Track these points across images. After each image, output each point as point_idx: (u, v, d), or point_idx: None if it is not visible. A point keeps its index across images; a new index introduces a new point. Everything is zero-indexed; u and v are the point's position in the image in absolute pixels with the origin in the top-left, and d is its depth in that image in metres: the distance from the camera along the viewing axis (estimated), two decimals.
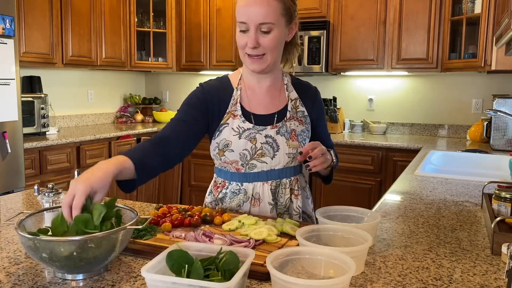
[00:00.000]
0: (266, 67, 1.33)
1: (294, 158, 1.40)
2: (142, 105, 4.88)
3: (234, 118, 1.38)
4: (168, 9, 4.43)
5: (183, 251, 0.83)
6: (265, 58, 1.30)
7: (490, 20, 3.01)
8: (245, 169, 1.39)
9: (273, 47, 1.28)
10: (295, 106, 1.43)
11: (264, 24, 1.25)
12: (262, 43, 1.27)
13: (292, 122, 1.41)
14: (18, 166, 2.88)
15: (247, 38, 1.27)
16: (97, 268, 0.93)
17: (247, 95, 1.41)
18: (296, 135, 1.40)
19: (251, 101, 1.40)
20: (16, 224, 0.93)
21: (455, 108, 3.78)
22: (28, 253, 0.96)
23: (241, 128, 1.37)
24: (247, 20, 1.25)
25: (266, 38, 1.27)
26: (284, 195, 1.42)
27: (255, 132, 1.36)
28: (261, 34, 1.26)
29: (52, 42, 3.48)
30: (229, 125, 1.37)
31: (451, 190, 1.77)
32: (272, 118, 1.39)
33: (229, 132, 1.37)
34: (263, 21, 1.24)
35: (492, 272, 0.97)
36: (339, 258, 0.84)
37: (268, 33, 1.26)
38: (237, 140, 1.36)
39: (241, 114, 1.38)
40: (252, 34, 1.26)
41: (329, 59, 3.82)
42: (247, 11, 1.24)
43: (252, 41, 1.26)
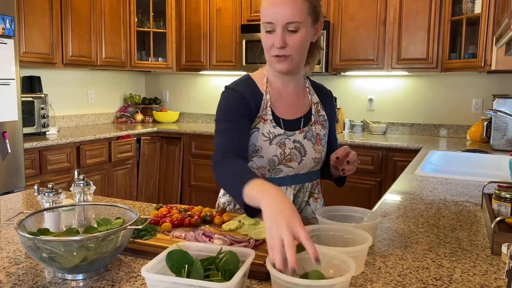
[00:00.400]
0: (292, 68, 1.30)
1: (319, 162, 1.41)
2: (142, 105, 4.88)
3: (264, 123, 1.33)
4: (168, 9, 4.43)
5: (183, 251, 0.83)
6: (291, 58, 1.27)
7: (490, 20, 3.01)
8: (270, 174, 1.35)
9: (299, 47, 1.26)
10: (317, 110, 1.43)
11: (291, 24, 1.22)
12: (289, 43, 1.24)
13: (316, 126, 1.41)
14: (18, 166, 2.88)
15: (273, 38, 1.24)
16: (97, 268, 0.93)
17: (275, 99, 1.37)
18: (320, 139, 1.40)
19: (279, 105, 1.37)
20: (16, 224, 0.93)
21: (455, 108, 3.78)
22: (28, 253, 0.96)
23: (271, 134, 1.33)
24: (274, 20, 1.22)
25: (293, 38, 1.24)
26: (303, 198, 1.42)
27: (285, 138, 1.34)
28: (288, 34, 1.23)
29: (52, 42, 3.48)
30: (259, 130, 1.33)
31: (451, 190, 1.77)
32: (299, 122, 1.38)
33: (259, 138, 1.32)
34: (290, 20, 1.21)
35: (492, 272, 0.97)
36: (339, 258, 0.84)
37: (295, 32, 1.23)
38: (268, 146, 1.32)
39: (272, 119, 1.34)
40: (279, 33, 1.23)
41: (329, 59, 3.81)
42: (273, 11, 1.22)
43: (279, 40, 1.23)
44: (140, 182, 4.11)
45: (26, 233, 0.89)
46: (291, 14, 1.21)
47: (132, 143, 3.94)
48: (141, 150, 4.10)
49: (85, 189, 1.24)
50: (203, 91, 4.86)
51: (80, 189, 1.23)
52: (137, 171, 4.07)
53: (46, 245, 0.87)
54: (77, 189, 1.23)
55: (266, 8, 1.24)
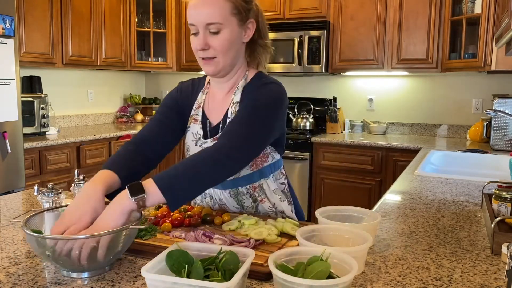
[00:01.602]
0: (219, 70, 1.26)
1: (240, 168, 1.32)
2: (142, 105, 4.89)
3: (194, 122, 1.36)
4: (168, 9, 4.43)
5: (183, 251, 0.83)
6: (217, 60, 1.24)
7: (490, 20, 3.01)
8: None
9: (223, 48, 1.22)
10: (235, 110, 1.30)
11: (212, 25, 1.20)
12: (212, 45, 1.21)
13: None
14: (18, 166, 2.88)
15: (197, 40, 1.23)
16: (101, 267, 0.94)
17: (209, 100, 1.37)
18: None
19: (210, 106, 1.36)
20: (23, 223, 0.94)
21: (455, 108, 3.78)
22: (34, 251, 0.97)
23: (198, 135, 1.35)
24: (195, 22, 1.20)
25: (215, 39, 1.21)
26: (247, 200, 1.39)
27: (203, 143, 1.33)
28: (210, 35, 1.21)
29: (52, 42, 3.48)
30: (190, 129, 1.36)
31: (451, 190, 1.77)
32: (218, 127, 1.33)
33: (189, 137, 1.37)
34: (209, 21, 1.19)
35: (492, 272, 0.97)
36: (340, 258, 0.84)
37: (217, 33, 1.21)
38: (194, 147, 1.35)
39: (201, 120, 1.35)
40: (200, 35, 1.21)
41: (329, 59, 3.81)
42: (194, 12, 1.20)
43: (200, 42, 1.21)
44: None
45: (31, 231, 0.90)
46: (210, 15, 1.19)
47: None
48: None
49: None
50: None
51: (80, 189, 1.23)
52: None
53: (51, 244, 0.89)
54: (77, 189, 1.23)
55: (189, 9, 1.22)
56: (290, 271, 0.80)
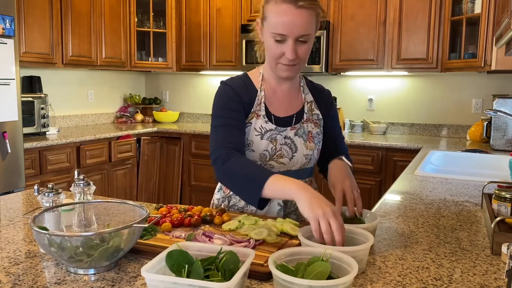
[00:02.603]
0: (296, 74, 1.38)
1: (311, 159, 1.43)
2: (142, 105, 4.88)
3: (257, 118, 1.38)
4: (168, 9, 4.43)
5: (183, 251, 0.83)
6: (298, 66, 1.32)
7: (490, 20, 3.01)
8: None
9: (307, 56, 1.30)
10: (311, 108, 1.45)
11: (304, 36, 1.24)
12: (299, 54, 1.27)
13: (308, 124, 1.43)
14: (18, 166, 2.88)
15: (283, 48, 1.25)
16: (106, 264, 0.94)
17: (270, 97, 1.41)
18: (312, 137, 1.42)
19: (273, 102, 1.41)
20: (31, 220, 0.95)
21: (455, 108, 3.78)
22: (42, 249, 0.98)
23: (263, 129, 1.37)
24: (287, 33, 1.23)
25: (303, 48, 1.26)
26: None
27: (276, 133, 1.37)
28: (299, 44, 1.26)
29: (52, 42, 3.48)
30: (252, 124, 1.37)
31: (451, 190, 1.77)
32: (291, 119, 1.41)
33: (251, 132, 1.37)
34: (304, 33, 1.23)
35: (492, 272, 0.97)
36: (341, 258, 0.84)
37: (305, 43, 1.26)
38: (259, 141, 1.36)
39: (265, 114, 1.38)
40: (291, 45, 1.24)
41: (329, 59, 3.81)
42: (287, 22, 1.22)
43: (292, 53, 1.25)
44: (140, 182, 4.11)
45: (37, 228, 0.91)
46: (305, 27, 1.23)
47: (132, 143, 3.94)
48: (141, 150, 4.10)
49: (85, 189, 1.24)
50: (203, 91, 4.86)
51: (80, 189, 1.23)
52: (137, 171, 4.07)
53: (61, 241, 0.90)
54: (77, 189, 1.23)
55: (278, 18, 1.23)
56: (290, 271, 0.80)
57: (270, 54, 1.31)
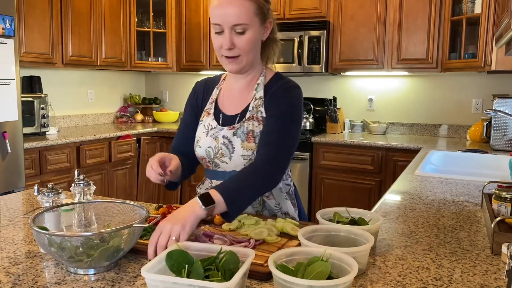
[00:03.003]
0: (242, 68, 1.34)
1: (251, 160, 1.34)
2: (142, 105, 4.88)
3: (207, 116, 1.43)
4: (168, 9, 4.42)
5: (183, 251, 0.83)
6: (241, 59, 1.31)
7: (490, 20, 3.01)
8: (212, 166, 1.42)
9: (248, 47, 1.29)
10: (257, 105, 1.37)
11: (238, 25, 1.25)
12: (237, 44, 1.27)
13: (251, 122, 1.35)
14: (18, 166, 2.88)
15: (222, 39, 1.27)
16: (106, 264, 0.94)
17: (224, 95, 1.45)
18: (253, 136, 1.34)
19: (225, 100, 1.44)
20: (31, 220, 0.95)
21: (455, 108, 3.78)
22: (42, 249, 0.98)
23: (209, 126, 1.41)
24: (221, 22, 1.25)
25: (241, 39, 1.27)
26: None
27: (217, 132, 1.39)
28: (236, 35, 1.27)
29: (52, 42, 3.48)
30: (202, 122, 1.44)
31: (451, 190, 1.77)
32: (235, 118, 1.39)
33: (200, 129, 1.43)
34: (237, 22, 1.24)
35: (492, 272, 0.97)
36: (341, 258, 0.84)
37: (243, 33, 1.27)
38: (204, 137, 1.41)
39: (213, 112, 1.43)
40: (227, 35, 1.26)
41: (329, 59, 3.81)
42: (220, 12, 1.25)
43: (227, 42, 1.26)
44: (140, 182, 4.11)
45: (37, 228, 0.91)
46: (237, 16, 1.24)
47: (132, 143, 3.93)
48: (141, 150, 4.10)
49: (85, 189, 1.24)
50: None
51: (80, 189, 1.23)
52: (137, 171, 4.07)
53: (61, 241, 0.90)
54: (77, 189, 1.23)
55: (214, 9, 1.26)
56: (290, 271, 0.80)
57: (214, 48, 1.33)
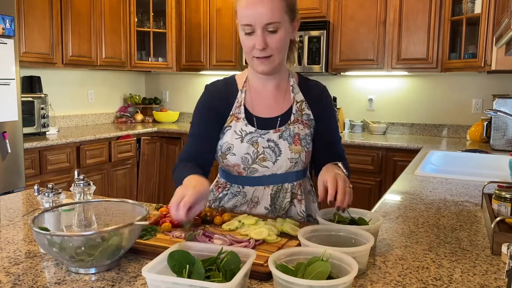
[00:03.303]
0: (274, 68, 1.30)
1: (297, 163, 1.37)
2: (142, 105, 4.88)
3: (237, 121, 1.35)
4: (168, 9, 4.42)
5: (185, 252, 0.83)
6: (273, 58, 1.27)
7: (490, 20, 3.01)
8: (246, 173, 1.37)
9: (280, 47, 1.26)
10: (301, 108, 1.38)
11: (271, 24, 1.22)
12: (270, 44, 1.24)
13: (296, 125, 1.36)
14: (18, 166, 2.88)
15: (254, 40, 1.24)
16: (107, 263, 0.95)
17: (252, 98, 1.38)
18: (299, 139, 1.35)
19: (256, 103, 1.38)
20: (31, 220, 0.95)
21: (455, 108, 3.78)
22: (42, 249, 0.98)
23: (243, 132, 1.34)
24: (253, 22, 1.22)
25: (273, 38, 1.24)
26: (284, 199, 1.39)
27: (257, 136, 1.34)
28: (268, 34, 1.23)
29: (52, 42, 3.48)
30: (232, 128, 1.36)
31: (451, 190, 1.77)
32: (276, 121, 1.36)
33: (231, 135, 1.35)
34: (269, 21, 1.21)
35: (492, 272, 0.97)
36: (341, 258, 0.84)
37: (275, 32, 1.23)
38: (239, 144, 1.34)
39: (244, 117, 1.35)
40: (259, 35, 1.22)
41: (329, 59, 3.81)
42: (251, 12, 1.21)
43: (260, 42, 1.22)
44: (140, 182, 4.11)
45: (38, 228, 0.91)
46: (270, 14, 1.21)
47: (132, 143, 3.93)
48: (141, 150, 4.10)
49: (85, 189, 1.24)
50: None
51: (80, 189, 1.23)
52: (137, 171, 4.07)
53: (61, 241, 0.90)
54: (77, 189, 1.23)
55: (244, 9, 1.23)
56: (290, 271, 0.80)
57: (244, 50, 1.29)
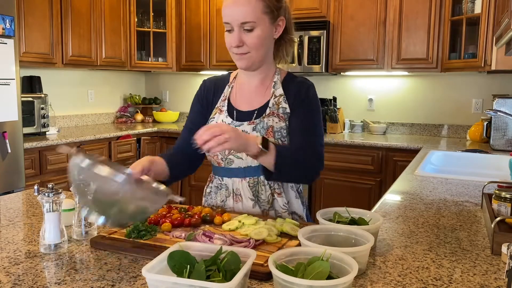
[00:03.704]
0: (251, 64, 1.38)
1: None
2: (142, 105, 4.88)
3: (220, 113, 1.44)
4: (168, 9, 4.43)
5: (185, 252, 0.83)
6: (250, 55, 1.35)
7: (490, 20, 3.01)
8: (224, 163, 1.43)
9: (256, 45, 1.33)
10: (278, 102, 1.41)
11: (246, 23, 1.29)
12: (246, 41, 1.32)
13: (271, 118, 1.38)
14: (18, 166, 2.88)
15: (231, 37, 1.33)
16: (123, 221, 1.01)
17: (236, 92, 1.47)
18: (273, 131, 1.37)
19: (238, 97, 1.46)
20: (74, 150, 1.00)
21: (455, 108, 3.78)
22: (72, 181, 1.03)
23: (224, 123, 1.41)
24: (230, 21, 1.31)
25: (249, 36, 1.31)
26: (265, 192, 1.41)
27: (237, 125, 1.39)
28: (245, 33, 1.31)
29: (52, 42, 3.48)
30: (215, 119, 1.45)
31: (451, 190, 1.77)
32: (252, 114, 1.42)
33: None
34: (244, 20, 1.29)
35: (492, 272, 0.97)
36: (341, 258, 0.84)
37: (251, 31, 1.31)
38: None
39: (226, 109, 1.44)
40: (235, 33, 1.31)
41: (329, 59, 3.81)
42: (229, 12, 1.30)
43: (235, 39, 1.31)
44: None
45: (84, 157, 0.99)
46: (244, 14, 1.29)
47: (132, 143, 3.94)
48: (141, 150, 4.10)
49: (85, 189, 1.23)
50: None
51: None
52: None
53: None
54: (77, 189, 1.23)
55: (224, 9, 1.32)
56: (290, 271, 0.80)
57: (227, 47, 1.38)
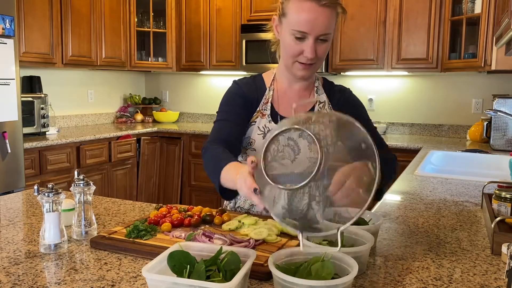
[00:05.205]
0: (312, 74, 1.35)
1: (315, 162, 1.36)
2: (142, 105, 4.88)
3: (262, 117, 1.38)
4: (168, 9, 4.42)
5: (185, 252, 0.83)
6: (315, 65, 1.30)
7: (490, 20, 3.00)
8: None
9: (324, 55, 1.28)
10: (323, 109, 1.41)
11: (325, 35, 1.23)
12: (318, 52, 1.25)
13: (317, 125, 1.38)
14: (18, 166, 2.88)
15: (303, 47, 1.24)
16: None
17: (278, 96, 1.41)
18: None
19: (281, 102, 1.40)
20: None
21: (455, 108, 3.78)
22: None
23: (266, 128, 1.37)
24: (309, 31, 1.21)
25: (322, 47, 1.25)
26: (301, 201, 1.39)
27: None
28: (318, 43, 1.24)
29: (52, 42, 3.48)
30: (256, 123, 1.38)
31: (451, 190, 1.77)
32: None
33: (254, 131, 1.38)
34: (325, 31, 1.22)
35: (492, 272, 0.97)
36: (341, 258, 0.84)
37: (325, 41, 1.25)
38: (260, 140, 1.36)
39: (270, 114, 1.38)
40: (311, 44, 1.23)
41: (329, 59, 3.81)
42: (309, 21, 1.20)
43: (312, 51, 1.23)
44: (140, 182, 4.11)
45: None
46: (326, 26, 1.22)
47: (132, 143, 3.93)
48: (141, 150, 4.10)
49: (85, 189, 1.23)
50: (203, 91, 4.86)
51: (80, 189, 1.23)
52: (137, 171, 4.07)
53: None
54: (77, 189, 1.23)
55: (300, 16, 1.21)
56: (290, 271, 0.80)
57: (287, 52, 1.29)
